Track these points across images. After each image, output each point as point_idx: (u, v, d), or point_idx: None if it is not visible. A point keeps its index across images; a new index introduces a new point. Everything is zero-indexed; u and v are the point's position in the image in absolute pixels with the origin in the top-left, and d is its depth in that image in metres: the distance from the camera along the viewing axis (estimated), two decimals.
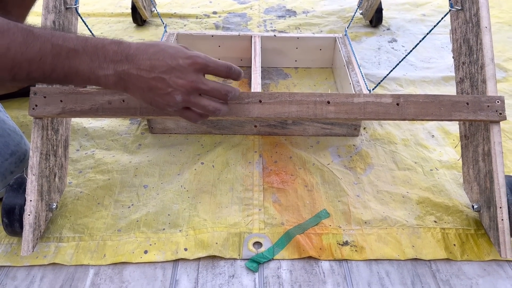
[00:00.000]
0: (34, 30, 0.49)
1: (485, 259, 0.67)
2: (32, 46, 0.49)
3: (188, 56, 0.52)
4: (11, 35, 0.48)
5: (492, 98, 0.66)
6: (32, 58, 0.49)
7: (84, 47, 0.50)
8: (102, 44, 0.51)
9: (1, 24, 0.47)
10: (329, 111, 0.66)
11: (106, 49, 0.51)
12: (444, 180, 0.82)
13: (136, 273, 0.64)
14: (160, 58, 0.51)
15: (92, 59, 0.51)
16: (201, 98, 0.54)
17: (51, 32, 0.51)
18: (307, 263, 0.66)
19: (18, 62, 0.48)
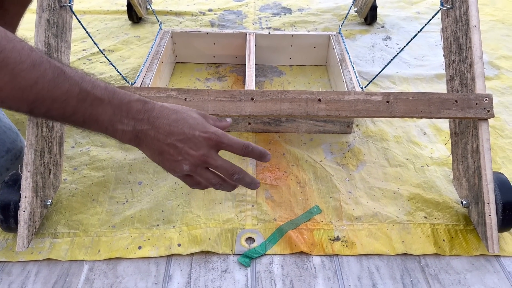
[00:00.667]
0: (66, 70, 0.49)
1: (473, 254, 0.68)
2: (61, 86, 0.48)
3: (205, 131, 0.53)
4: (42, 70, 0.47)
5: (480, 96, 0.67)
6: (57, 97, 0.48)
7: (110, 99, 0.50)
8: (128, 99, 0.51)
9: (35, 57, 0.46)
10: (320, 109, 0.67)
11: (130, 106, 0.51)
12: (435, 177, 0.83)
13: (130, 268, 0.65)
14: (180, 126, 0.52)
15: (115, 112, 0.51)
16: (206, 171, 0.55)
17: (82, 75, 0.50)
18: (299, 258, 0.67)
19: (41, 98, 0.48)
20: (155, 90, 0.66)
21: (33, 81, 0.46)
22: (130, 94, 0.52)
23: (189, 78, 1.12)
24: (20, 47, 0.45)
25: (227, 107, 0.67)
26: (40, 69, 0.46)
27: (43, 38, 0.68)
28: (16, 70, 0.45)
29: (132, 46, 1.26)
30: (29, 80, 0.46)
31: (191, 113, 0.54)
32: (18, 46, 0.45)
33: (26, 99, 0.47)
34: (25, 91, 0.46)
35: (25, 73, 0.45)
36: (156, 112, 0.52)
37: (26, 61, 0.45)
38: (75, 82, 0.48)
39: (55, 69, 0.47)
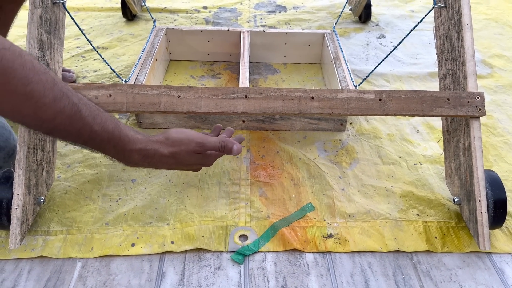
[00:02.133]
0: (82, 110, 0.53)
1: (465, 251, 0.69)
2: (75, 125, 0.53)
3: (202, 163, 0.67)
4: (62, 107, 0.50)
5: (472, 94, 0.67)
6: (71, 132, 0.53)
7: (115, 144, 0.57)
8: (129, 149, 0.59)
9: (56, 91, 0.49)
10: (313, 107, 0.68)
11: (131, 155, 0.59)
12: (428, 174, 0.83)
13: (123, 265, 0.65)
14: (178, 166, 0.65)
15: (118, 154, 0.59)
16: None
17: (94, 115, 0.54)
18: (292, 255, 0.68)
19: (57, 130, 0.52)
20: (149, 88, 0.66)
21: (52, 116, 0.50)
22: (134, 142, 0.59)
23: (183, 76, 1.12)
24: (45, 79, 0.48)
25: (220, 105, 0.67)
26: (60, 105, 0.50)
27: (35, 35, 0.68)
28: (39, 103, 0.48)
29: (126, 44, 1.25)
30: (49, 115, 0.50)
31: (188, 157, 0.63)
32: (43, 79, 0.48)
33: (44, 128, 0.52)
34: (44, 122, 0.50)
35: (47, 107, 0.49)
36: (156, 160, 0.61)
37: (49, 95, 0.49)
38: (88, 123, 0.54)
39: (72, 107, 0.51)
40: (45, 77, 0.49)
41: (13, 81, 0.46)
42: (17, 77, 0.46)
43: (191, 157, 0.64)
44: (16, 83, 0.46)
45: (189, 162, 0.64)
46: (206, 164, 0.67)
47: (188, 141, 0.63)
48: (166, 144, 0.62)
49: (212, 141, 0.64)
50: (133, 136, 0.59)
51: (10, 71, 0.45)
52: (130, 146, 0.59)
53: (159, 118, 0.91)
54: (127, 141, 0.58)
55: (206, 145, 0.63)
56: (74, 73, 1.08)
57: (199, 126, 0.92)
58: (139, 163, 0.61)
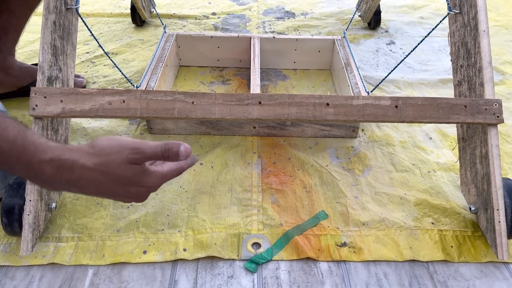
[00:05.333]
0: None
1: (482, 261, 0.68)
2: None
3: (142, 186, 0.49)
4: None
5: (490, 101, 0.66)
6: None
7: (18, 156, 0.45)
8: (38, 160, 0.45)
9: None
10: (328, 113, 0.67)
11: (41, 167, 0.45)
12: (442, 182, 0.82)
13: (135, 273, 0.64)
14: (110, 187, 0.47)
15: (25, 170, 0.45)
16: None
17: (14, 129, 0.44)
18: (306, 264, 0.67)
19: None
20: (162, 94, 0.66)
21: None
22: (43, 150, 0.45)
23: (193, 82, 1.12)
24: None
25: (234, 111, 0.67)
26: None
27: (49, 40, 0.67)
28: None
29: (136, 49, 1.25)
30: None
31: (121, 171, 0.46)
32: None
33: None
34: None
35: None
36: (76, 175, 0.45)
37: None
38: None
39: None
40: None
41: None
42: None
43: (125, 170, 0.46)
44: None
45: (123, 180, 0.47)
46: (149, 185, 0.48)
47: (120, 148, 0.46)
48: (89, 153, 0.46)
49: (152, 145, 0.47)
50: (43, 144, 0.45)
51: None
52: (38, 156, 0.44)
53: (170, 124, 0.91)
54: (33, 150, 0.44)
55: (144, 150, 0.46)
56: (84, 78, 1.08)
57: (209, 132, 0.92)
58: (53, 181, 0.45)
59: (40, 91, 0.64)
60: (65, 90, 0.65)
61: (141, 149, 0.46)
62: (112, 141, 0.47)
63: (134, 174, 0.47)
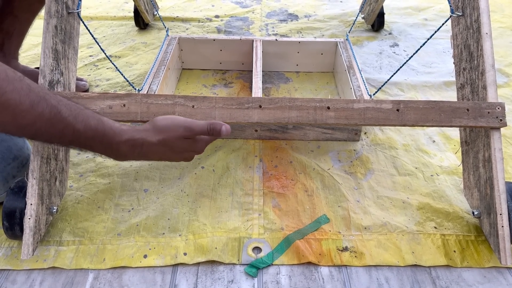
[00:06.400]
0: (62, 110, 0.53)
1: (485, 266, 0.67)
2: (56, 126, 0.53)
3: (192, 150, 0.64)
4: (40, 111, 0.51)
5: (492, 105, 0.66)
6: (54, 134, 0.54)
7: (100, 140, 0.57)
8: (116, 142, 0.58)
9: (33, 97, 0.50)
10: (329, 117, 0.66)
11: (119, 147, 0.59)
12: (445, 186, 0.81)
13: (136, 277, 0.64)
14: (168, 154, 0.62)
15: (106, 150, 0.59)
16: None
17: (75, 114, 0.55)
18: (307, 269, 0.66)
19: (40, 134, 0.53)
20: (163, 97, 0.66)
21: (32, 121, 0.51)
22: (119, 133, 0.58)
23: (195, 85, 1.12)
24: (20, 87, 0.49)
25: (234, 115, 0.66)
26: (38, 110, 0.51)
27: (50, 45, 0.68)
28: (17, 110, 0.49)
29: (139, 52, 1.26)
30: (28, 120, 0.50)
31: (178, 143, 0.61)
32: (18, 87, 0.49)
33: (27, 134, 0.53)
34: (25, 128, 0.51)
35: (25, 113, 0.50)
36: (145, 149, 0.60)
37: (25, 102, 0.49)
38: (69, 123, 0.54)
39: (51, 109, 0.52)
40: (20, 84, 0.49)
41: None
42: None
43: (181, 143, 0.61)
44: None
45: (179, 149, 0.62)
46: (197, 150, 0.64)
47: (175, 127, 0.61)
48: (153, 132, 0.60)
49: (200, 124, 0.61)
50: (118, 128, 0.59)
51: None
52: (116, 138, 0.58)
53: None
54: (112, 134, 0.58)
55: (194, 129, 0.61)
56: (87, 81, 1.08)
57: None
58: (128, 155, 0.60)
59: None
60: (67, 94, 0.65)
61: (192, 128, 0.61)
62: (169, 120, 0.61)
63: (187, 145, 0.62)
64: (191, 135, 0.61)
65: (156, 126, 0.60)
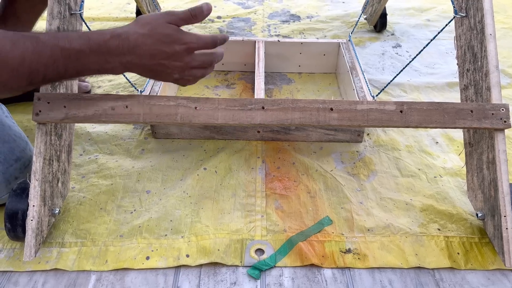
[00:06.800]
0: (40, 37, 0.53)
1: (489, 268, 0.67)
2: (44, 53, 0.53)
3: (182, 43, 0.59)
4: (22, 45, 0.51)
5: (496, 106, 0.65)
6: (46, 63, 0.53)
7: (89, 47, 0.56)
8: (103, 40, 0.56)
9: (11, 35, 0.51)
10: (332, 118, 0.66)
11: (108, 45, 0.56)
12: (448, 188, 0.81)
13: (138, 279, 0.64)
14: (159, 48, 0.58)
15: (98, 56, 0.56)
16: (191, 70, 0.62)
17: (55, 35, 0.56)
18: (310, 271, 0.66)
19: (35, 69, 0.53)
20: (165, 99, 0.66)
21: (21, 58, 0.51)
22: (103, 33, 0.57)
23: (197, 86, 1.12)
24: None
25: (237, 116, 0.66)
26: (20, 45, 0.51)
27: None
28: (3, 53, 0.50)
29: None
30: (17, 59, 0.51)
31: (163, 29, 0.58)
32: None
33: (22, 74, 0.52)
34: (19, 68, 0.51)
35: (10, 53, 0.50)
36: (132, 42, 0.57)
37: (6, 43, 0.50)
38: (54, 44, 0.54)
39: (32, 40, 0.52)
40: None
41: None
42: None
43: (166, 28, 0.58)
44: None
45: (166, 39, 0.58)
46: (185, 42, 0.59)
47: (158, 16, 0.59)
48: (137, 25, 0.59)
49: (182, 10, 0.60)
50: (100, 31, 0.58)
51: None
52: (103, 37, 0.56)
53: (174, 128, 0.90)
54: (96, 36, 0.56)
55: (176, 12, 0.60)
56: (89, 82, 1.08)
57: (213, 137, 0.92)
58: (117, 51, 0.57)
59: (44, 97, 0.64)
60: (69, 96, 0.65)
61: (174, 12, 0.60)
62: (152, 14, 0.60)
63: (173, 31, 0.59)
64: (175, 20, 0.59)
65: (139, 20, 0.60)
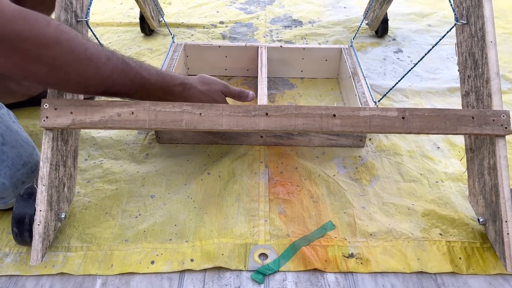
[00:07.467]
0: (130, 62, 0.64)
1: (491, 273, 0.67)
2: (128, 75, 0.64)
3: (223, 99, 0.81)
4: (114, 63, 0.61)
5: (497, 113, 0.66)
6: (125, 83, 0.64)
7: (161, 84, 0.70)
8: (173, 84, 0.72)
9: (106, 51, 0.61)
10: (335, 124, 0.67)
11: (174, 89, 0.72)
12: (450, 193, 0.82)
13: (143, 283, 0.65)
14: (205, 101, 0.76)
15: (163, 93, 0.71)
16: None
17: (140, 64, 0.67)
18: (313, 275, 0.67)
19: (116, 84, 0.63)
20: (170, 105, 0.66)
21: (110, 72, 0.60)
22: (175, 78, 0.72)
23: None
24: (93, 43, 0.59)
25: (241, 122, 0.67)
26: (112, 62, 0.60)
27: None
28: (99, 63, 0.58)
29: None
30: (108, 71, 0.60)
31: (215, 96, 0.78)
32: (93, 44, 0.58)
33: (104, 85, 0.62)
34: (105, 81, 0.61)
35: (105, 66, 0.59)
36: (191, 93, 0.75)
37: (102, 56, 0.59)
38: (137, 71, 0.65)
39: (122, 61, 0.62)
40: (92, 42, 0.59)
41: (75, 49, 0.55)
42: (77, 45, 0.56)
43: (218, 95, 0.78)
44: (78, 50, 0.56)
45: (214, 100, 0.78)
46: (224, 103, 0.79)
47: (217, 82, 0.79)
48: (199, 81, 0.77)
49: (234, 87, 0.82)
50: (172, 74, 0.73)
51: (71, 41, 0.55)
52: (173, 82, 0.71)
53: (178, 133, 0.91)
54: (169, 79, 0.71)
55: (229, 88, 0.81)
56: None
57: (217, 141, 0.92)
58: (179, 96, 0.73)
59: (51, 103, 0.65)
60: (75, 102, 0.66)
61: (228, 87, 0.81)
62: (211, 77, 0.80)
63: (221, 99, 0.80)
64: (226, 93, 0.80)
65: (202, 78, 0.78)
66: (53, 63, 0.55)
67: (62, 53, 0.55)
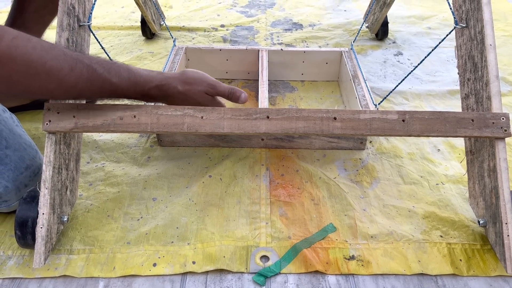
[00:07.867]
0: (97, 68, 0.61)
1: (491, 275, 0.67)
2: (95, 83, 0.61)
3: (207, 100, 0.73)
4: (79, 72, 0.58)
5: (497, 115, 0.67)
6: (94, 91, 0.62)
7: (134, 89, 0.66)
8: (148, 88, 0.68)
9: (70, 61, 0.57)
10: (335, 127, 0.67)
11: (149, 93, 0.68)
12: (450, 195, 0.82)
13: (145, 286, 0.65)
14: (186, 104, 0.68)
15: (137, 96, 0.68)
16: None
17: (109, 69, 0.63)
18: (314, 278, 0.67)
19: (82, 94, 0.62)
20: (172, 109, 0.67)
21: (74, 83, 0.58)
22: (150, 81, 0.67)
23: None
24: (56, 53, 0.55)
25: (242, 125, 0.68)
26: (76, 72, 0.57)
27: None
28: (60, 76, 0.56)
29: (146, 62, 1.27)
30: (71, 82, 0.57)
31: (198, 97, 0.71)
32: (55, 54, 0.55)
33: (71, 96, 0.61)
34: (69, 91, 0.59)
35: (67, 77, 0.57)
36: (169, 94, 0.69)
37: (65, 66, 0.56)
38: (106, 78, 0.61)
39: (88, 68, 0.59)
40: (55, 52, 0.55)
41: (32, 64, 0.53)
42: (34, 60, 0.53)
43: (201, 97, 0.71)
44: (36, 65, 0.53)
45: (197, 103, 0.70)
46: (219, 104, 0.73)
47: (201, 81, 0.71)
48: (179, 80, 0.69)
49: (223, 86, 0.72)
50: (147, 76, 0.67)
51: (27, 56, 0.52)
52: (148, 85, 0.67)
53: (180, 136, 0.92)
54: (143, 82, 0.66)
55: (217, 87, 0.71)
56: None
57: (218, 144, 0.93)
58: (157, 98, 0.69)
59: (53, 107, 0.65)
60: (78, 106, 0.66)
61: (215, 86, 0.72)
62: (197, 74, 0.71)
63: (205, 101, 0.71)
64: (213, 93, 0.71)
65: (184, 75, 0.70)
66: (9, 80, 0.53)
67: (18, 69, 0.53)
